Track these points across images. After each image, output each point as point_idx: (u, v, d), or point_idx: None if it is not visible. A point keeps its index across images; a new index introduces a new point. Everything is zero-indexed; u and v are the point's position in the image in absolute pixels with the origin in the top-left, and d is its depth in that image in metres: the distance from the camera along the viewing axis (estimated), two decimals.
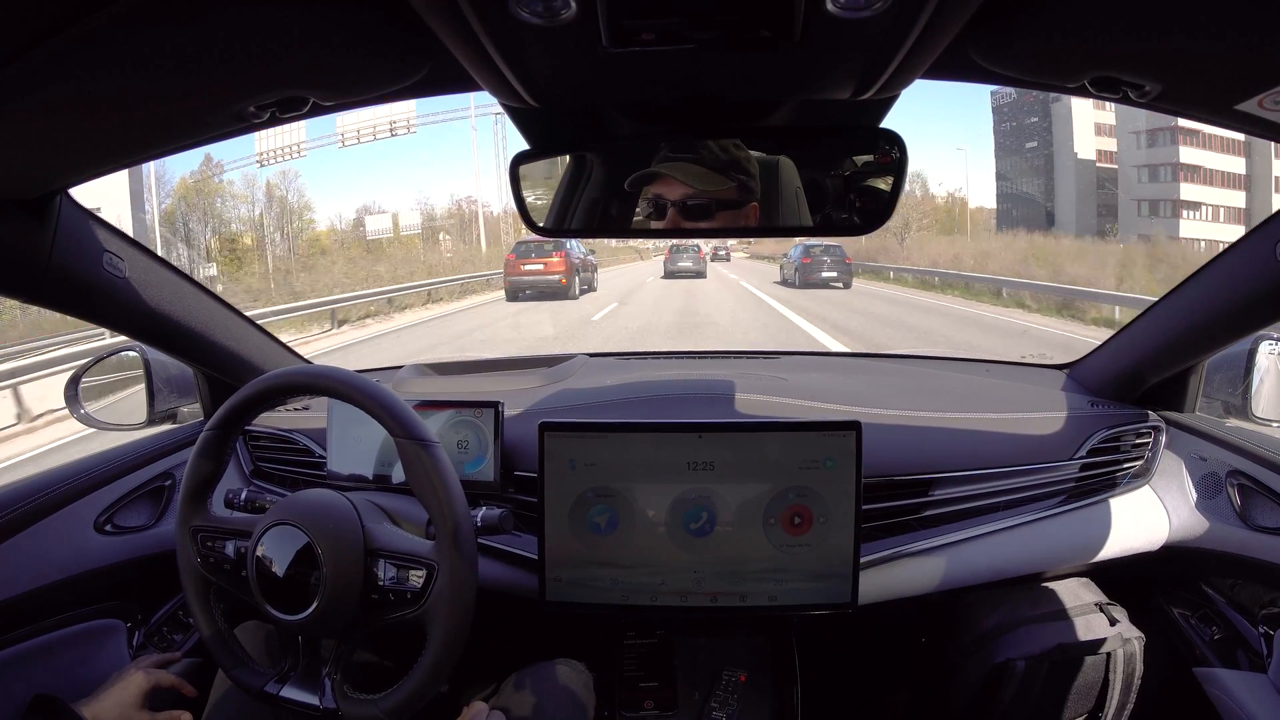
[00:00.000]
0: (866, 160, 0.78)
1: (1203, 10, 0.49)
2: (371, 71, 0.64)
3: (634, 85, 0.66)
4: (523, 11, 0.49)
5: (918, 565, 1.03)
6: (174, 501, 1.14)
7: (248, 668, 0.87)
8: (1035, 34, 0.57)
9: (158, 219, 21.72)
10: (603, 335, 8.71)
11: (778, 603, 0.96)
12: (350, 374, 0.85)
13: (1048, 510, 1.07)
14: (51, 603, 0.98)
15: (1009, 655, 1.09)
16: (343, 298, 12.01)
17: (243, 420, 0.89)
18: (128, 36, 0.50)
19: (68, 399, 1.20)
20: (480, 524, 0.86)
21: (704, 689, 1.05)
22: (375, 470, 1.09)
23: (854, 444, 0.94)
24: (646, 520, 0.96)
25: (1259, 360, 1.11)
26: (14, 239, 0.77)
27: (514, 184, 0.80)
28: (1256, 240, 0.87)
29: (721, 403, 1.18)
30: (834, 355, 1.63)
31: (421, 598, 0.79)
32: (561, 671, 1.00)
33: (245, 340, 1.21)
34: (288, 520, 0.81)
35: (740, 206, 0.76)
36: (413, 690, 0.78)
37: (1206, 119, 0.67)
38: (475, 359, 1.60)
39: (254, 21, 0.52)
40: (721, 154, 0.74)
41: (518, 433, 1.08)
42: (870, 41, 0.54)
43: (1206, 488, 1.07)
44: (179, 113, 0.65)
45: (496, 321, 10.48)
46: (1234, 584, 1.05)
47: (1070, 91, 0.65)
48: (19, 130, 0.62)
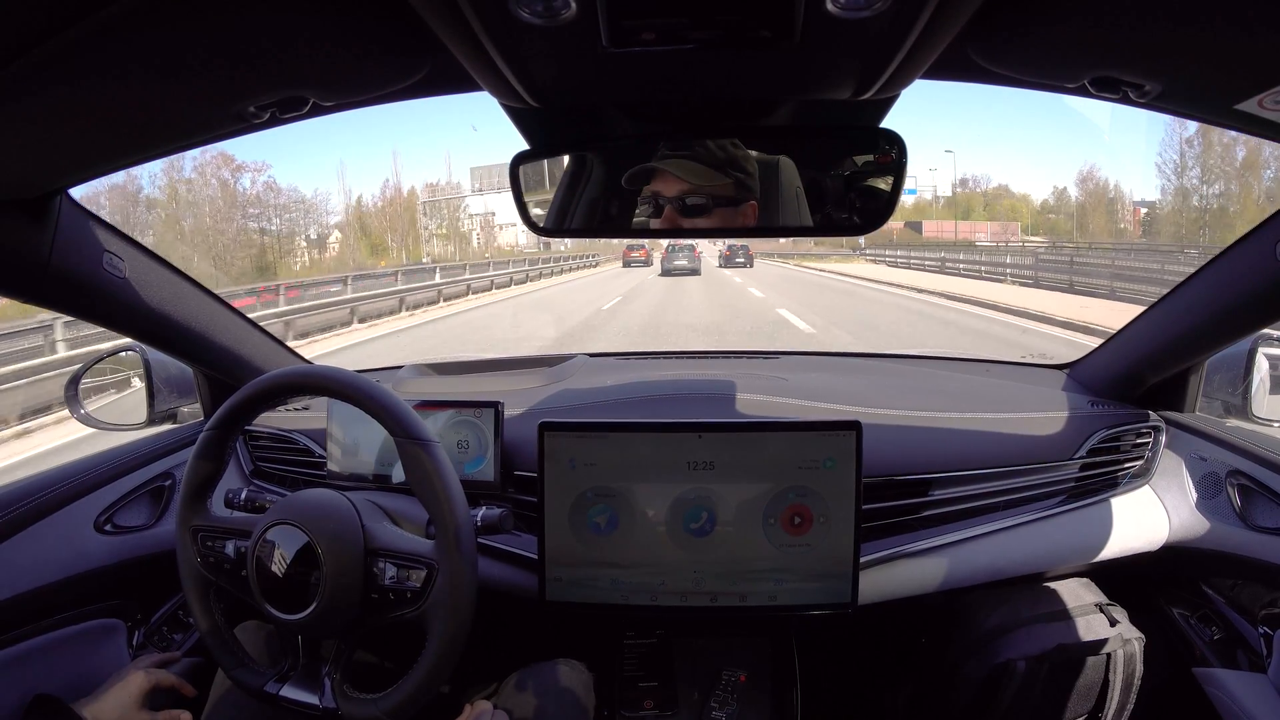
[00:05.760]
0: (866, 160, 0.78)
1: (1203, 10, 0.49)
2: (372, 71, 0.64)
3: (634, 85, 0.66)
4: (523, 11, 0.49)
5: (918, 565, 1.03)
6: (174, 501, 1.14)
7: (248, 668, 0.87)
8: (1035, 34, 0.57)
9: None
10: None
11: (778, 603, 0.96)
12: (350, 374, 0.85)
13: (1048, 510, 1.07)
14: (51, 603, 0.98)
15: (1009, 656, 1.09)
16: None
17: (242, 420, 0.90)
18: (128, 37, 0.50)
19: (68, 399, 1.20)
20: (480, 524, 0.86)
21: (704, 689, 1.05)
22: (375, 470, 1.09)
23: (854, 444, 0.94)
24: (646, 520, 0.96)
25: (1259, 360, 1.11)
26: (14, 239, 0.77)
27: (514, 184, 0.80)
28: (1256, 240, 0.87)
29: (721, 403, 1.18)
30: (834, 355, 1.63)
31: (421, 597, 0.79)
32: (561, 671, 1.00)
33: (245, 340, 1.21)
34: (288, 520, 0.81)
35: (738, 204, 0.75)
36: (413, 690, 0.78)
37: (1206, 119, 0.67)
38: (475, 359, 1.60)
39: (254, 22, 0.52)
40: (719, 151, 0.74)
41: (518, 433, 1.08)
42: (870, 41, 0.54)
43: (1206, 488, 1.07)
44: (179, 113, 0.65)
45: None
46: (1234, 584, 1.05)
47: (1070, 91, 0.65)
48: (19, 130, 0.62)
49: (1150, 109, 0.65)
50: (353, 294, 12.13)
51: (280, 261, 27.24)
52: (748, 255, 24.15)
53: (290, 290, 11.48)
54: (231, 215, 27.30)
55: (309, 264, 29.09)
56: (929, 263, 22.27)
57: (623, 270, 23.98)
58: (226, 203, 27.23)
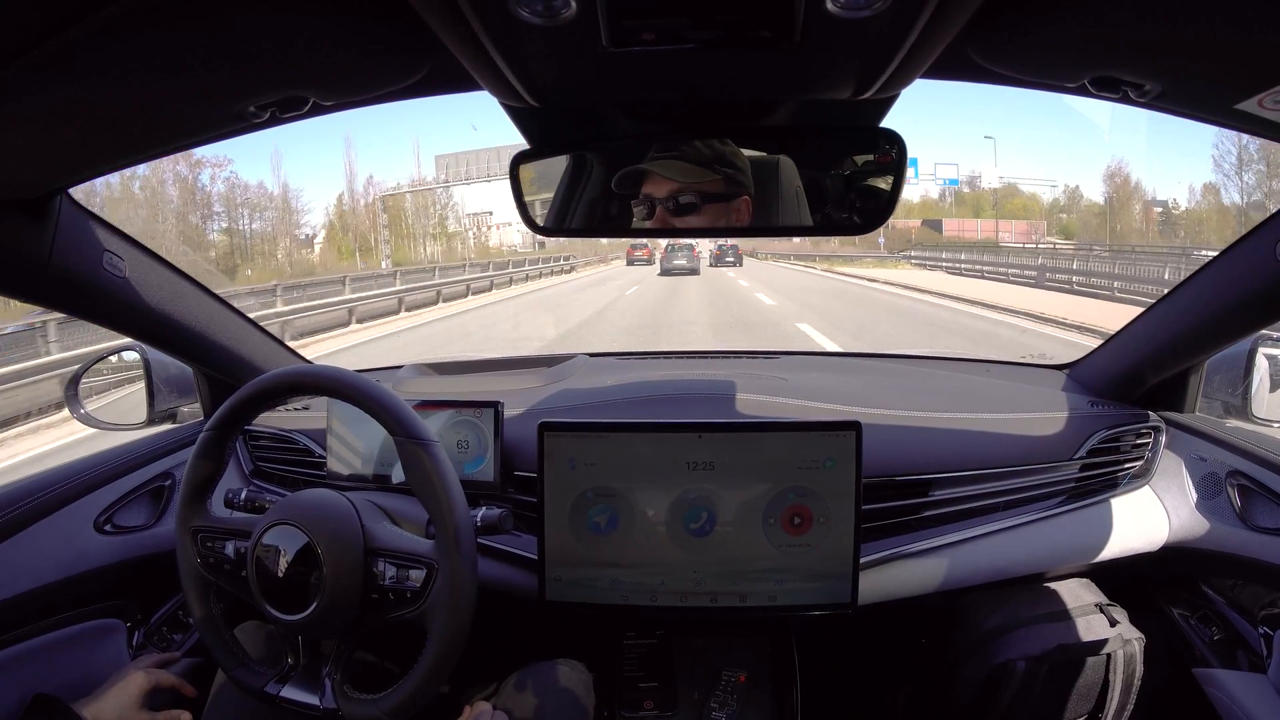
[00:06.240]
0: (866, 160, 0.78)
1: (1203, 10, 0.49)
2: (372, 71, 0.64)
3: (634, 85, 0.66)
4: (523, 11, 0.49)
5: (918, 565, 1.03)
6: (174, 501, 1.14)
7: (248, 668, 0.87)
8: (1035, 34, 0.57)
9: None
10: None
11: (777, 603, 0.96)
12: (350, 374, 0.85)
13: (1048, 510, 1.07)
14: (51, 603, 0.98)
15: (1009, 656, 1.09)
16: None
17: (242, 420, 0.90)
18: (128, 36, 0.50)
19: (68, 399, 1.20)
20: (480, 524, 0.86)
21: (704, 689, 1.05)
22: (375, 470, 1.09)
23: (854, 444, 0.94)
24: (646, 520, 0.96)
25: (1259, 360, 1.11)
26: (14, 239, 0.77)
27: (514, 184, 0.80)
28: (1256, 240, 0.87)
29: (721, 403, 1.18)
30: (834, 355, 1.63)
31: (421, 597, 0.79)
32: (561, 671, 1.00)
33: (245, 340, 1.21)
34: (288, 520, 0.81)
35: (729, 200, 0.75)
36: (413, 690, 0.78)
37: (1206, 119, 0.66)
38: (475, 359, 1.60)
39: (254, 22, 0.52)
40: (705, 148, 0.74)
41: (518, 432, 1.08)
42: (870, 41, 0.54)
43: (1206, 488, 1.07)
44: (179, 113, 0.65)
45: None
46: (1234, 584, 1.05)
47: (1070, 91, 0.65)
48: (19, 130, 0.62)
49: (1150, 109, 0.65)
50: (284, 306, 10.48)
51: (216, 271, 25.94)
52: (737, 255, 25.33)
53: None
54: (185, 213, 26.51)
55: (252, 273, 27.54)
56: (990, 269, 17.93)
57: (600, 279, 21.03)
58: (183, 200, 26.51)
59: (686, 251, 20.49)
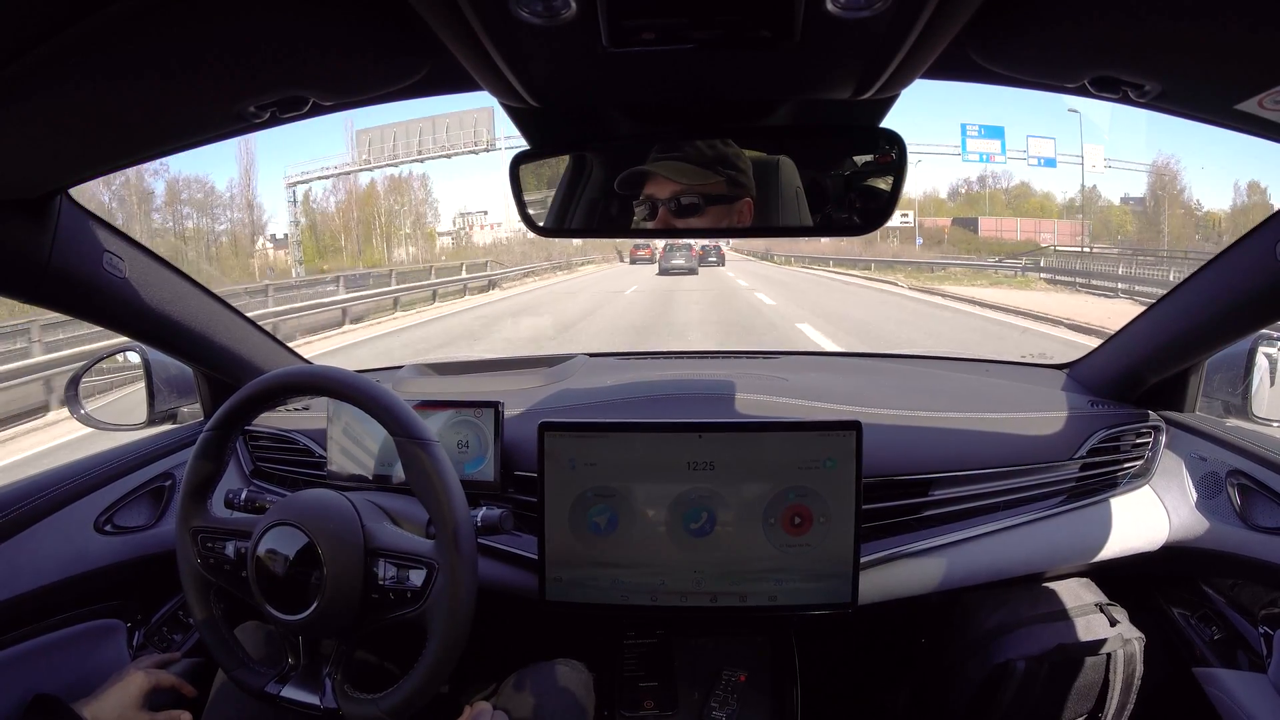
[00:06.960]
0: (866, 160, 0.78)
1: (1203, 10, 0.49)
2: (372, 71, 0.64)
3: (634, 85, 0.66)
4: (523, 11, 0.49)
5: (918, 565, 1.03)
6: (174, 501, 1.14)
7: (248, 668, 0.87)
8: (1035, 34, 0.57)
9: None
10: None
11: (778, 603, 0.96)
12: (350, 374, 0.85)
13: (1048, 510, 1.07)
14: (51, 603, 0.98)
15: (1009, 656, 1.09)
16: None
17: (242, 420, 0.90)
18: (128, 37, 0.50)
19: (68, 399, 1.20)
20: (480, 524, 0.86)
21: (704, 689, 1.05)
22: (375, 470, 1.09)
23: (854, 444, 0.94)
24: (646, 520, 0.96)
25: (1259, 360, 1.11)
26: (14, 239, 0.77)
27: (514, 184, 0.80)
28: (1256, 240, 0.87)
29: (721, 403, 1.18)
30: (834, 355, 1.63)
31: (422, 597, 0.79)
32: (561, 671, 1.00)
33: (245, 340, 1.21)
34: (288, 520, 0.81)
35: (732, 202, 0.75)
36: (413, 690, 0.78)
37: (1206, 119, 0.66)
38: (475, 359, 1.60)
39: (254, 22, 0.52)
40: (707, 149, 0.74)
41: (518, 433, 1.08)
42: (870, 41, 0.54)
43: (1206, 487, 1.07)
44: (179, 113, 0.65)
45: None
46: (1234, 584, 1.05)
47: (1070, 91, 0.65)
48: (19, 131, 0.62)
49: (1150, 109, 0.65)
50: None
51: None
52: (719, 255, 26.01)
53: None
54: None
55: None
56: (1100, 282, 13.58)
57: (579, 287, 17.72)
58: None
59: (685, 251, 20.49)
